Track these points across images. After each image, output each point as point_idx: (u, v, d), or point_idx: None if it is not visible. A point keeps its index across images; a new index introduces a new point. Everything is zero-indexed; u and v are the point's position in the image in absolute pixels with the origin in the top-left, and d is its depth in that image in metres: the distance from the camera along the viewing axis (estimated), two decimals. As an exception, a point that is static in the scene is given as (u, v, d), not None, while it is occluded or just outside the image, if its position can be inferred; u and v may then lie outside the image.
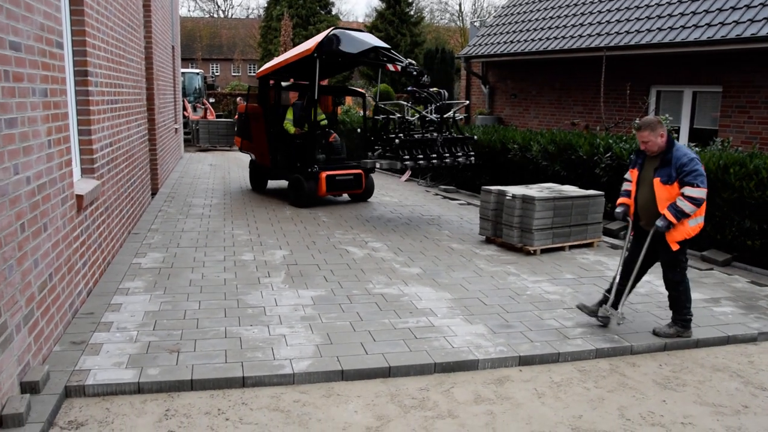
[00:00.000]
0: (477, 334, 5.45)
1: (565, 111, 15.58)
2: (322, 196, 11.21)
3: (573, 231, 8.49)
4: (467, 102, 10.19)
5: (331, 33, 10.42)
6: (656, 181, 5.45)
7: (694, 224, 5.47)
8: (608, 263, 7.86)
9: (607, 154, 9.39)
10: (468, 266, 7.57)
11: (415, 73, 9.69)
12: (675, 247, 5.50)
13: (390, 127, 10.14)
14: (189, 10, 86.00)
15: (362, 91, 11.85)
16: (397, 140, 9.12)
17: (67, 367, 4.53)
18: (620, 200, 5.90)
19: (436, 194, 13.25)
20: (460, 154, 9.63)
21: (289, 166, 11.52)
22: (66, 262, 5.22)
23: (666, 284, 5.74)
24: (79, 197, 5.64)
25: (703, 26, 11.53)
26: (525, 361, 5.07)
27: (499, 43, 16.99)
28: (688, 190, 5.26)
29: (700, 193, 5.26)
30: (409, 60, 9.98)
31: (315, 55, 10.13)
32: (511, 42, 16.49)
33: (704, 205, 5.41)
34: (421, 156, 9.29)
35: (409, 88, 9.98)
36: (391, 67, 10.06)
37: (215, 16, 73.65)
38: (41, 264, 4.56)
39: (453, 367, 4.90)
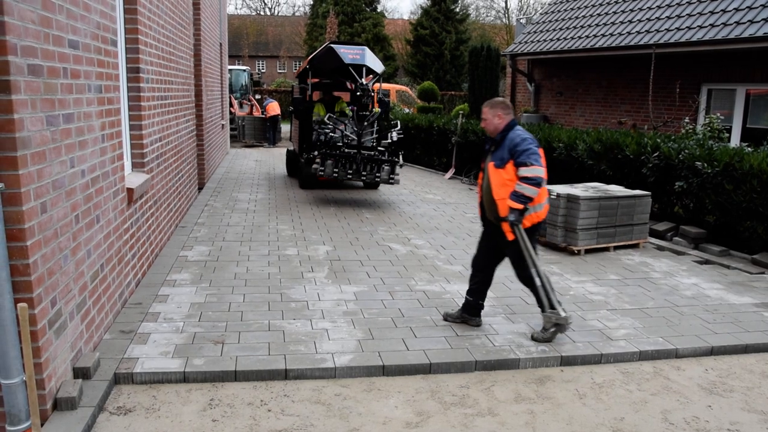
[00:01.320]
0: (518, 332, 5.43)
1: (612, 110, 15.32)
2: (321, 180, 12.22)
3: (618, 231, 8.37)
4: (398, 128, 11.52)
5: (324, 48, 11.72)
6: (490, 165, 5.11)
7: (531, 212, 5.09)
8: (654, 264, 7.72)
9: (655, 154, 9.21)
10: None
11: (358, 93, 11.04)
12: (510, 237, 5.14)
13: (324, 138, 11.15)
14: (236, 8, 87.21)
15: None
16: (313, 152, 10.81)
17: (117, 355, 4.68)
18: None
19: (479, 192, 13.18)
20: (380, 174, 10.72)
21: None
22: (116, 253, 5.38)
23: (521, 282, 5.39)
24: (130, 190, 5.80)
25: (759, 21, 11.20)
26: (567, 361, 5.03)
27: (545, 40, 16.81)
28: (523, 171, 4.89)
29: (536, 171, 4.88)
30: (362, 82, 10.95)
31: (308, 66, 12.16)
32: (558, 39, 16.29)
33: (543, 191, 5.05)
34: (336, 170, 10.54)
35: (351, 107, 11.37)
36: (348, 84, 12.01)
37: (262, 13, 74.56)
38: (94, 254, 4.71)
39: (494, 365, 4.89)
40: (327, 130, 11.09)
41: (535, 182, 4.90)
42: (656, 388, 4.69)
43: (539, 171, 4.92)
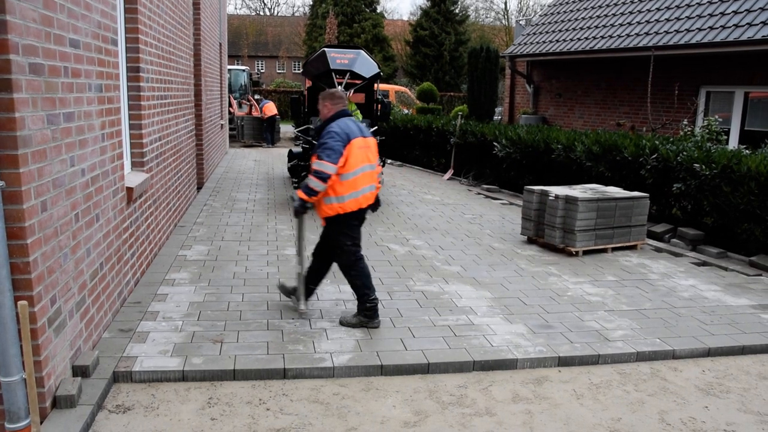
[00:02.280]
0: (517, 333, 5.44)
1: (611, 111, 15.36)
2: None
3: (616, 233, 8.39)
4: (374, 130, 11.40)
5: (319, 52, 11.71)
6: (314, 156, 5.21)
7: (333, 202, 5.18)
8: (651, 266, 7.74)
9: (653, 156, 9.24)
10: (509, 266, 7.55)
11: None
12: (323, 223, 5.35)
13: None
14: (236, 8, 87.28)
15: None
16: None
17: (116, 354, 4.69)
18: None
19: (479, 193, 13.21)
20: None
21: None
22: (116, 252, 5.39)
23: (342, 272, 5.50)
24: (129, 189, 5.81)
25: (758, 24, 11.24)
26: (564, 362, 5.04)
27: (544, 42, 16.84)
28: (315, 164, 5.04)
29: (322, 166, 4.99)
30: (341, 89, 10.85)
31: (302, 72, 12.25)
32: (557, 41, 16.33)
33: (353, 183, 5.16)
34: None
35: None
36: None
37: (261, 13, 74.55)
38: (93, 253, 4.72)
39: (492, 365, 4.91)
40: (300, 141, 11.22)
41: (320, 176, 5.02)
42: (653, 389, 4.71)
43: (327, 167, 5.01)
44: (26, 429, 3.61)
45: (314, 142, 10.00)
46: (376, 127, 11.68)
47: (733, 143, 11.99)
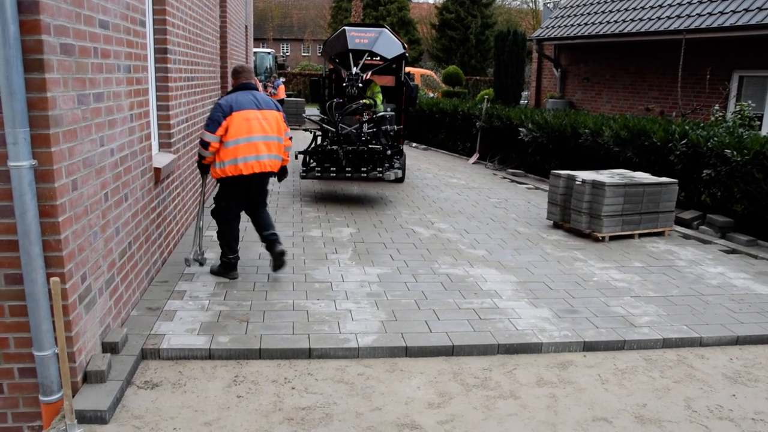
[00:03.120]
0: (541, 317, 5.42)
1: (640, 96, 15.12)
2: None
3: (643, 219, 8.29)
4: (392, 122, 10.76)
5: (339, 31, 10.94)
6: None
7: (217, 167, 5.75)
8: (679, 253, 7.65)
9: (683, 141, 9.09)
10: (534, 250, 7.51)
11: (344, 84, 10.12)
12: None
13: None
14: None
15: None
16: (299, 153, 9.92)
17: (144, 331, 4.76)
18: None
19: (504, 177, 13.13)
20: (366, 169, 9.61)
21: None
22: (144, 231, 5.46)
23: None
24: (157, 170, 5.86)
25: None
26: (589, 347, 5.02)
27: (572, 25, 16.60)
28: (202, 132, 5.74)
29: (203, 134, 5.66)
30: (357, 71, 10.02)
31: (320, 53, 11.70)
32: (585, 24, 16.08)
33: (233, 150, 5.64)
34: (318, 168, 9.69)
35: (336, 100, 10.12)
36: (343, 74, 10.52)
37: (287, -4, 74.33)
38: (122, 232, 4.78)
39: (516, 349, 4.90)
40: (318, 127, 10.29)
41: (201, 143, 5.72)
42: (679, 376, 4.67)
43: (205, 135, 5.66)
44: (59, 402, 3.69)
45: (327, 126, 9.67)
46: (392, 113, 10.84)
47: (767, 129, 11.75)
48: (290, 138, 6.22)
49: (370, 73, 10.51)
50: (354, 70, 10.00)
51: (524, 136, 12.60)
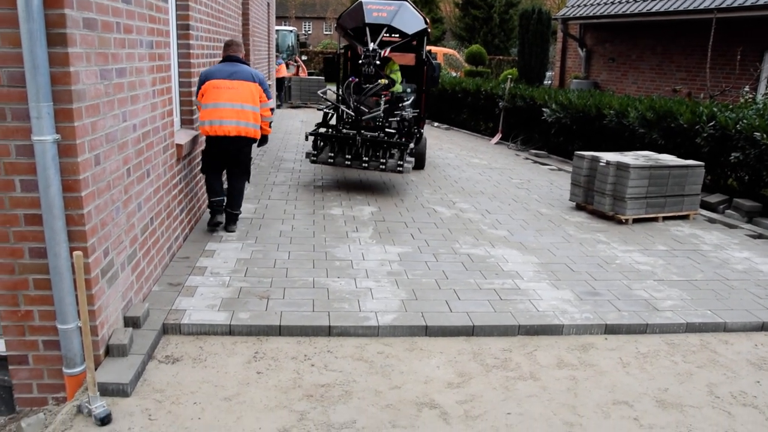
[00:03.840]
0: (563, 299, 5.38)
1: (667, 77, 14.85)
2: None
3: (668, 202, 8.17)
4: (409, 103, 9.68)
5: (356, 3, 10.09)
6: None
7: (198, 125, 6.56)
8: (704, 237, 7.53)
9: (711, 123, 8.91)
10: (557, 232, 7.44)
11: (360, 61, 9.29)
12: None
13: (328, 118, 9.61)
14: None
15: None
16: (308, 134, 8.96)
17: (165, 306, 4.79)
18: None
19: (527, 158, 13.01)
20: (385, 160, 8.69)
21: None
22: (165, 207, 5.48)
23: None
24: (179, 146, 5.87)
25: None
26: (611, 329, 4.97)
27: (599, 4, 16.30)
28: None
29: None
30: (374, 47, 9.16)
31: (335, 27, 10.75)
32: (612, 3, 15.77)
33: (207, 113, 6.33)
34: (332, 155, 8.82)
35: (352, 78, 9.41)
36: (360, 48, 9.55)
37: (310, -26, 73.87)
38: (144, 208, 4.80)
39: (537, 330, 4.87)
40: (329, 108, 9.57)
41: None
42: (702, 361, 4.61)
43: (193, 99, 6.56)
44: (81, 374, 3.74)
45: (344, 107, 9.07)
46: (411, 99, 9.87)
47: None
48: (271, 109, 6.78)
49: (388, 50, 9.52)
50: (371, 46, 9.18)
51: (548, 117, 12.45)
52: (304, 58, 25.70)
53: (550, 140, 13.23)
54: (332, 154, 8.79)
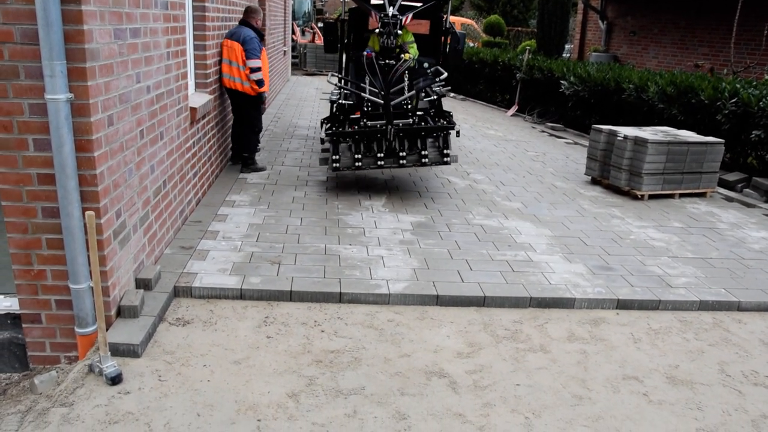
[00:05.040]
0: (575, 273, 5.34)
1: (689, 52, 14.57)
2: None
3: (685, 178, 8.05)
4: (443, 80, 7.66)
5: None
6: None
7: None
8: (720, 215, 7.43)
9: (733, 100, 8.74)
10: (571, 205, 7.37)
11: (377, 30, 7.48)
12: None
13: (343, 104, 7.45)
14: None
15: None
16: (324, 132, 6.94)
17: (176, 269, 4.80)
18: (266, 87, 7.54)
19: (543, 131, 12.87)
20: (426, 151, 6.91)
21: None
22: (178, 171, 5.46)
23: None
24: (193, 110, 5.84)
25: None
26: (623, 305, 4.93)
27: (622, -25, 15.97)
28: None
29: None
30: (394, 12, 7.36)
31: None
32: (636, -26, 15.45)
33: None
34: (358, 157, 6.84)
35: (367, 51, 7.84)
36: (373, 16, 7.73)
37: (328, -61, 72.87)
38: (157, 170, 4.79)
39: (549, 303, 4.84)
40: (335, 95, 7.60)
41: None
42: (715, 339, 4.57)
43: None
44: (93, 334, 3.76)
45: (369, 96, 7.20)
46: (438, 82, 7.62)
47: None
48: (251, 69, 7.19)
49: (410, 16, 7.76)
50: (390, 10, 7.37)
51: (565, 90, 12.28)
52: (320, 25, 25.40)
53: (566, 113, 13.07)
54: (359, 156, 6.86)
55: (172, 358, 3.82)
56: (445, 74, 7.69)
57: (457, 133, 7.17)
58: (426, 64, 8.68)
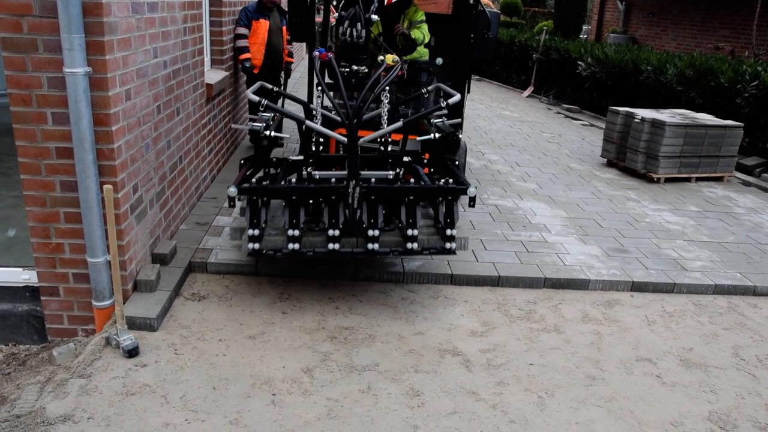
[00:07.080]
0: (590, 254, 5.32)
1: (709, 34, 14.36)
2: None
3: (702, 162, 7.98)
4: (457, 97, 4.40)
5: None
6: (285, 28, 7.34)
7: None
8: (737, 200, 7.37)
9: (753, 83, 8.62)
10: (586, 187, 7.33)
11: (332, 22, 5.25)
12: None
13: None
14: None
15: None
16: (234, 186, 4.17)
17: (192, 245, 4.83)
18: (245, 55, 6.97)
19: (558, 113, 12.77)
20: (416, 232, 4.15)
21: None
22: (195, 147, 5.47)
23: None
24: (209, 86, 5.83)
25: None
26: (638, 287, 4.92)
27: (643, -46, 15.72)
28: None
29: None
30: None
31: None
32: (657, -46, 15.21)
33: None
34: (294, 234, 4.05)
35: (320, 50, 4.62)
36: None
37: None
38: (173, 146, 4.80)
39: (563, 284, 4.84)
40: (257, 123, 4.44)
41: None
42: (729, 323, 4.55)
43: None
44: (110, 308, 3.80)
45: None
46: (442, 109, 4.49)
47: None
48: (238, 36, 6.93)
49: None
50: None
51: (582, 71, 12.16)
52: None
53: (583, 95, 12.95)
54: (294, 233, 4.07)
55: (188, 332, 3.86)
56: (457, 97, 4.44)
57: (471, 200, 4.29)
58: (439, 60, 6.00)
